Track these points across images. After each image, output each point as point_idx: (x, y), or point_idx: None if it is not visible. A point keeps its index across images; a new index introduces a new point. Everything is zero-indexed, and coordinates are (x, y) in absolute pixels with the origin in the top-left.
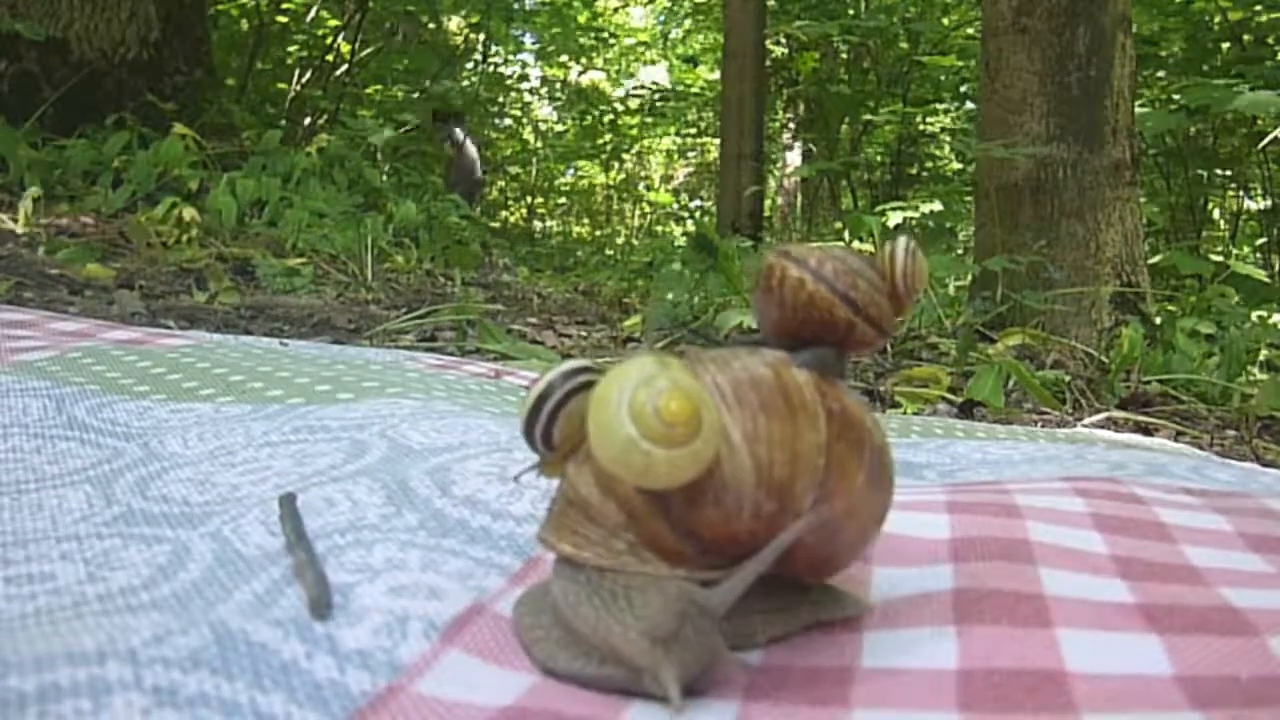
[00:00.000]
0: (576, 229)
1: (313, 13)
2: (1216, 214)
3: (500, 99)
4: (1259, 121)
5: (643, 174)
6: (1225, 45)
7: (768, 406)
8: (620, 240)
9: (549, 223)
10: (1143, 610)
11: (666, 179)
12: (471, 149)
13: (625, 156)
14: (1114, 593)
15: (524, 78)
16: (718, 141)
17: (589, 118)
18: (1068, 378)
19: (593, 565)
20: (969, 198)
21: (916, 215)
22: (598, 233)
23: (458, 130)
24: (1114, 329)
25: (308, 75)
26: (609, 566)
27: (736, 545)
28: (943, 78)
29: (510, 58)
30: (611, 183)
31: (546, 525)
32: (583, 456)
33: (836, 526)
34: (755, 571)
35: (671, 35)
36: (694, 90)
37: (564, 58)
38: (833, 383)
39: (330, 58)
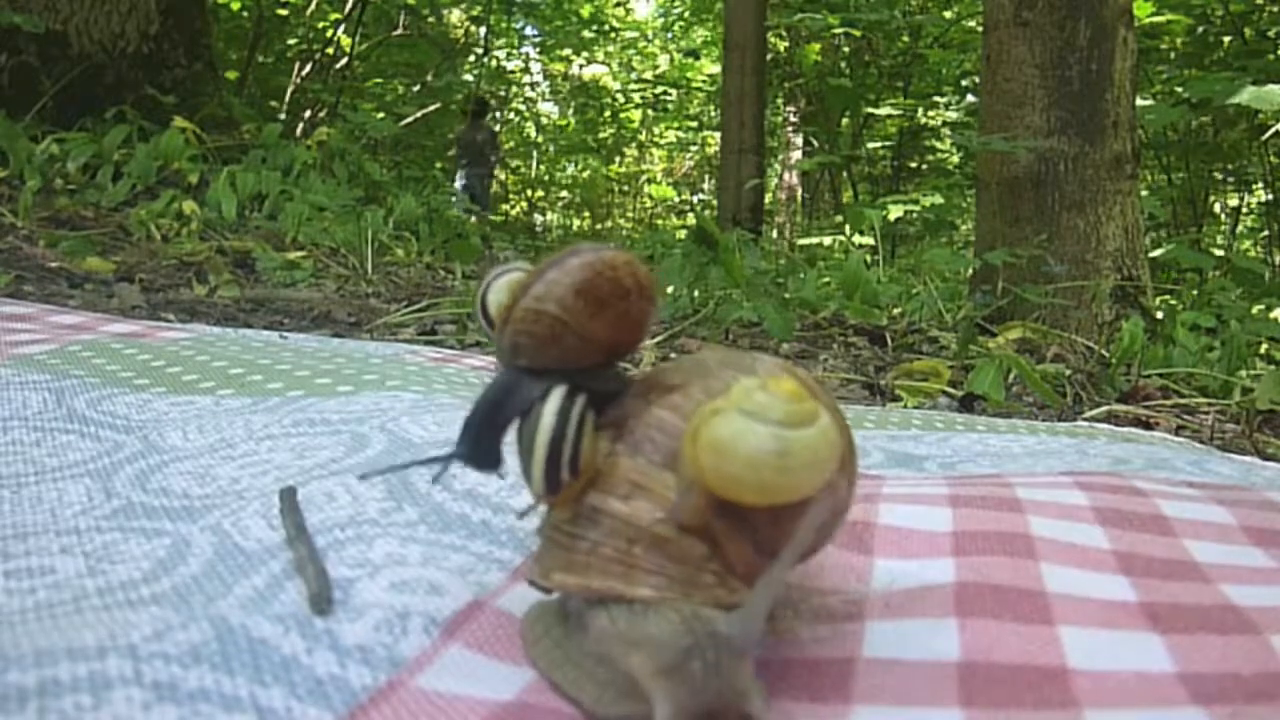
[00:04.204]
0: (577, 222)
1: (313, 5)
2: (1217, 208)
3: (502, 92)
4: (1260, 115)
5: (644, 167)
6: (1227, 39)
7: None
8: (622, 234)
9: (550, 216)
10: (1144, 608)
11: (668, 172)
12: (486, 132)
13: (627, 150)
14: (1116, 590)
15: (526, 71)
16: (719, 135)
17: (590, 111)
18: (1068, 371)
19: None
20: (970, 191)
21: (917, 208)
22: (599, 226)
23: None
24: (1115, 323)
25: (308, 68)
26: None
27: (804, 554)
28: (944, 71)
29: (513, 51)
30: (613, 176)
31: (591, 571)
32: (626, 488)
33: (843, 511)
34: (774, 589)
35: (673, 29)
36: (695, 84)
37: (566, 51)
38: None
39: (330, 51)
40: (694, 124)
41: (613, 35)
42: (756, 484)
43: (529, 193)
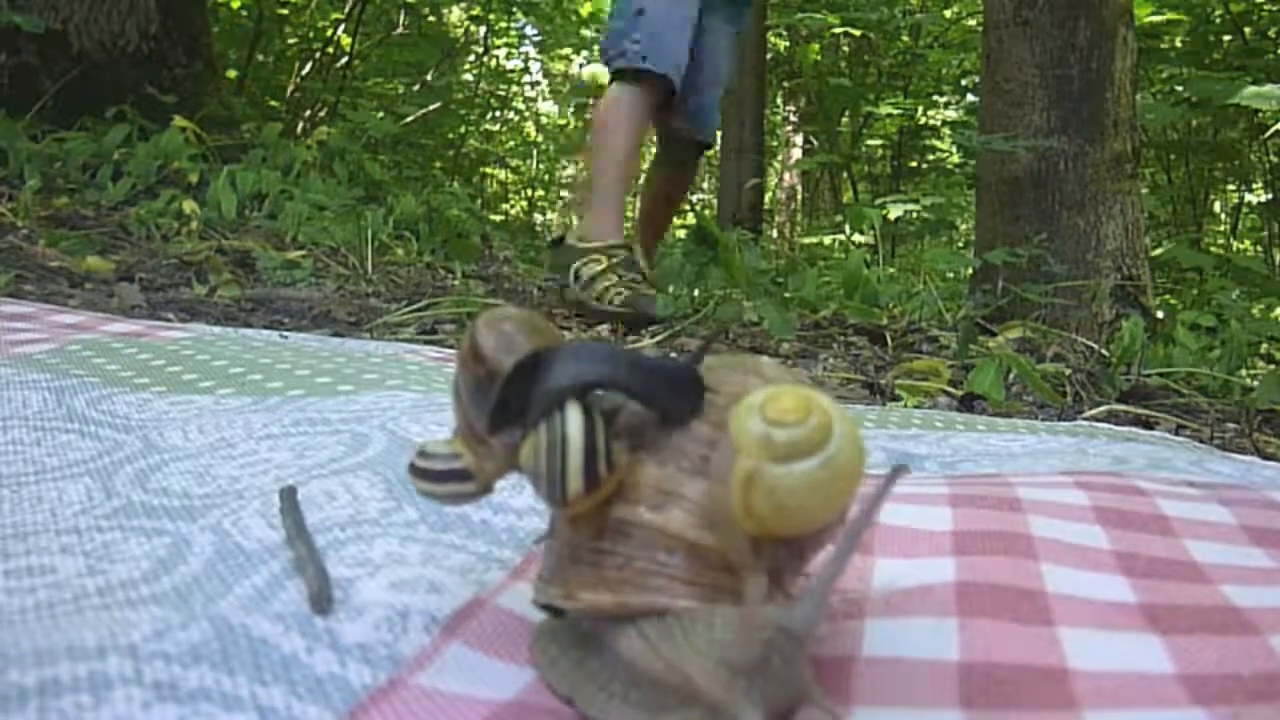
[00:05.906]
0: (577, 222)
1: (313, 5)
2: (1217, 207)
3: (502, 91)
4: (1260, 115)
5: (644, 166)
6: (1227, 38)
7: None
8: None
9: (550, 215)
10: (1144, 609)
11: None
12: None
13: None
14: (1116, 591)
15: (526, 70)
16: (718, 134)
17: (590, 110)
18: (1068, 371)
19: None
20: (970, 190)
21: (917, 208)
22: None
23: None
24: (1115, 322)
25: (308, 68)
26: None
27: (819, 554)
28: (944, 71)
29: (513, 50)
30: None
31: (626, 587)
32: (657, 497)
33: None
34: (836, 577)
35: None
36: None
37: (566, 50)
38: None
39: (330, 50)
40: None
41: None
42: (832, 508)
43: (529, 192)
